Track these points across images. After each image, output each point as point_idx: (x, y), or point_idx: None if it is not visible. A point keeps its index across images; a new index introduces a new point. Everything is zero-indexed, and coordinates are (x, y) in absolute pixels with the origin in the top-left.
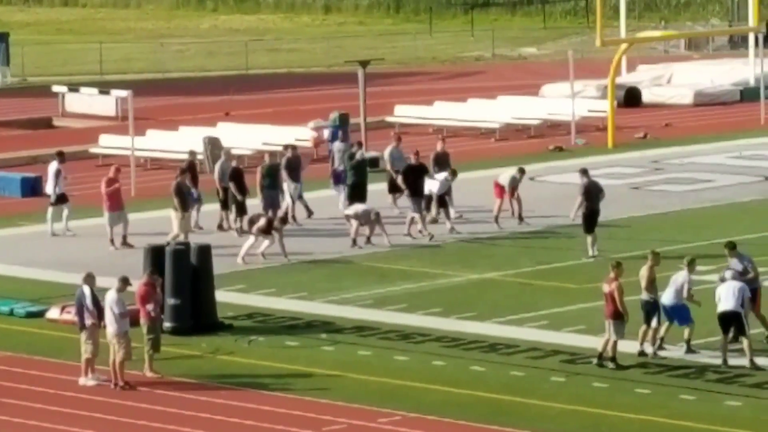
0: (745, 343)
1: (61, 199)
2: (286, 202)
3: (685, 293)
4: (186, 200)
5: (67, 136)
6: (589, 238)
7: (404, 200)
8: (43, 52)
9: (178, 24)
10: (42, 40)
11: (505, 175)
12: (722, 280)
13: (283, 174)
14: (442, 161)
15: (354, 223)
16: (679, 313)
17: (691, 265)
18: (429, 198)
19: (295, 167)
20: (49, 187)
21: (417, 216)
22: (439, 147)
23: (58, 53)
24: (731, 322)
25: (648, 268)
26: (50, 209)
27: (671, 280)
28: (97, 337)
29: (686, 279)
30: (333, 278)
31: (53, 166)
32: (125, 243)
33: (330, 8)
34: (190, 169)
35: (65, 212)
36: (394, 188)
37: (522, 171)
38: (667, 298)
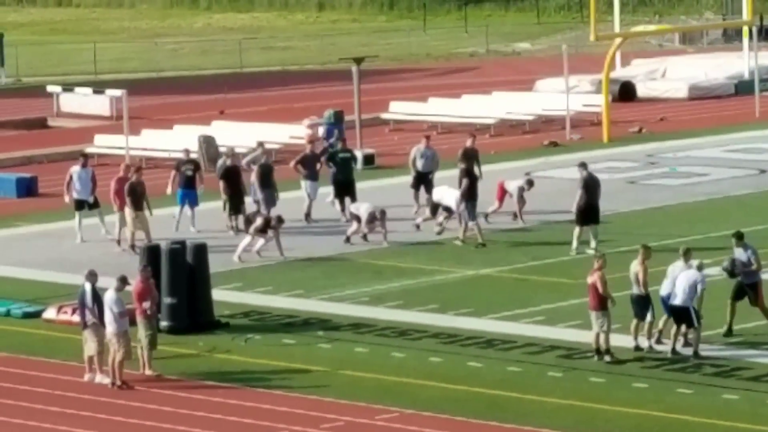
0: (692, 334)
1: (92, 204)
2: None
3: (699, 292)
4: (139, 200)
5: (62, 136)
6: (576, 230)
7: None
8: (38, 52)
9: (172, 23)
10: (36, 41)
11: (513, 183)
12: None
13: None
14: (470, 156)
15: (354, 223)
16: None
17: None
18: (436, 205)
19: (311, 164)
20: (83, 192)
21: (472, 223)
22: (468, 143)
23: (52, 53)
24: (682, 315)
25: (640, 263)
26: (78, 215)
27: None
28: (103, 335)
29: (699, 279)
30: (329, 275)
31: (76, 170)
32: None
33: (323, 6)
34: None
35: (77, 217)
36: (418, 185)
37: (531, 183)
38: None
